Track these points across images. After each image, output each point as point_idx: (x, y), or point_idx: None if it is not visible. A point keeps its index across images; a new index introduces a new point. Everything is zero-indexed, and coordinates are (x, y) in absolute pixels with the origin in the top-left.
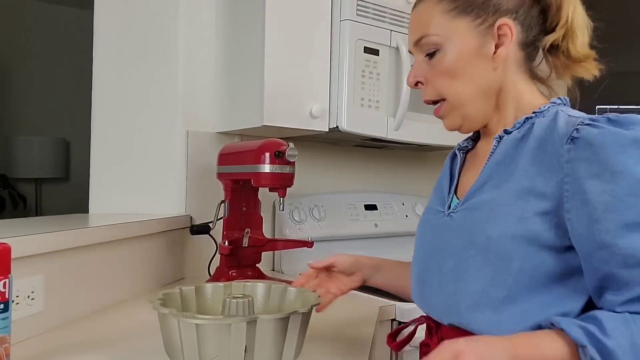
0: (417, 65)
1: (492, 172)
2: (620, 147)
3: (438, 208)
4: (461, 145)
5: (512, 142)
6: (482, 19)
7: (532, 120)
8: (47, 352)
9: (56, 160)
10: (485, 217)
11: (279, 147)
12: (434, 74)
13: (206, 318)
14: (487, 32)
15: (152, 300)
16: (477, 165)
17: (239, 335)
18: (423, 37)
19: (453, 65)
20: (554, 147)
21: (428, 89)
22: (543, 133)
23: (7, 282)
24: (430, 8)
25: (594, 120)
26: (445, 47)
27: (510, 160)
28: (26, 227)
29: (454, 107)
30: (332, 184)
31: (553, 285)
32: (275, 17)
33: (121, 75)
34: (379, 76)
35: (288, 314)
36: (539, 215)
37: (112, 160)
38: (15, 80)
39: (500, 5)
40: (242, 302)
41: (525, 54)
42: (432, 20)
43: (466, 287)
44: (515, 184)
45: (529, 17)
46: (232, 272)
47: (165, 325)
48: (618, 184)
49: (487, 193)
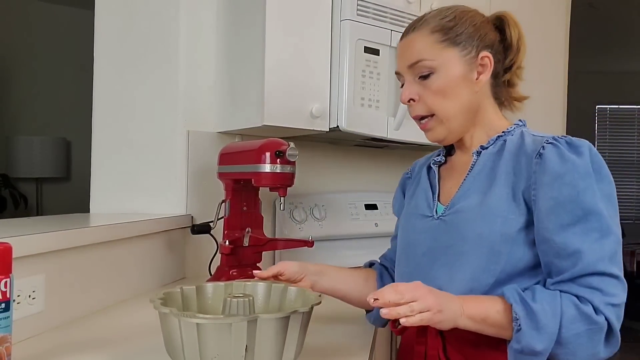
0: (409, 85)
1: (475, 181)
2: (569, 164)
3: (425, 214)
4: (436, 160)
5: (490, 156)
6: (468, 50)
7: (503, 137)
8: (48, 351)
9: (57, 160)
10: (474, 217)
11: (279, 146)
12: (427, 93)
13: (207, 317)
14: (472, 61)
15: (153, 300)
16: (456, 176)
17: (240, 335)
18: (419, 61)
19: (445, 86)
20: (527, 160)
21: (419, 105)
22: (515, 149)
23: (8, 282)
24: (425, 37)
25: (556, 140)
26: (439, 71)
27: (490, 171)
28: (27, 227)
29: (442, 121)
30: (332, 184)
31: (528, 273)
32: (275, 16)
33: (122, 75)
34: (379, 76)
35: (289, 313)
36: (518, 217)
37: (113, 159)
38: (16, 79)
39: (482, 40)
40: (242, 302)
41: (494, 82)
42: (427, 48)
43: (462, 275)
44: (499, 189)
45: (499, 52)
46: (232, 271)
47: (166, 324)
48: (562, 192)
49: (473, 198)
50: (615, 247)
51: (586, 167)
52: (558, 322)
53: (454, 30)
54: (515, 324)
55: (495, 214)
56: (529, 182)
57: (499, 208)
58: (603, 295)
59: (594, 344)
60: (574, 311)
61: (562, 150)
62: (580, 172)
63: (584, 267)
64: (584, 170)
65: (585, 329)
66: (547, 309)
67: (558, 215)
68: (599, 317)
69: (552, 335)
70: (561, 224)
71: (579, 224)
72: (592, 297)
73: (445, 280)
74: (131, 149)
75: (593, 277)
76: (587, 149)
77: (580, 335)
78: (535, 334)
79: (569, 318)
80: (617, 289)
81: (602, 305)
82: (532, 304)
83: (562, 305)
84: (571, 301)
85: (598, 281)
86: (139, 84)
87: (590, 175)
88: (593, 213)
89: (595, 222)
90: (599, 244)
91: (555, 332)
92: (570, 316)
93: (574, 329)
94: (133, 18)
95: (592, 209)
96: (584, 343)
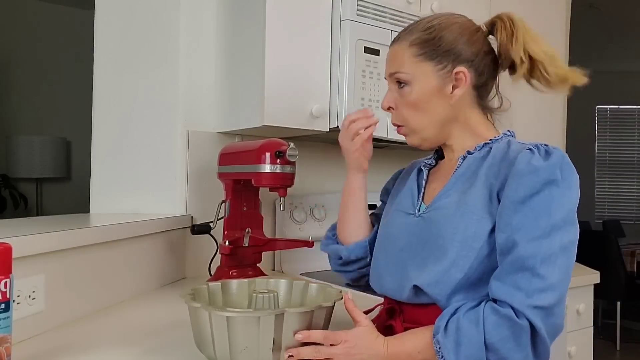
0: (389, 94)
1: (457, 181)
2: (532, 167)
3: (407, 211)
4: (426, 163)
5: (474, 160)
6: (443, 65)
7: (490, 145)
8: (48, 351)
9: (57, 160)
10: (452, 213)
11: (279, 147)
12: (401, 103)
13: (237, 311)
14: (446, 75)
15: (183, 295)
16: (441, 178)
17: (268, 328)
18: (396, 73)
19: (417, 100)
20: (508, 165)
21: (396, 114)
22: (500, 155)
23: (8, 282)
24: (403, 50)
25: (536, 147)
26: (412, 84)
27: (471, 174)
28: (27, 227)
29: (414, 131)
30: (332, 184)
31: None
32: (275, 17)
33: (122, 75)
34: (379, 76)
35: (314, 307)
36: (492, 217)
37: (113, 159)
38: (16, 79)
39: (458, 55)
40: (268, 297)
41: (477, 93)
42: (404, 61)
43: (432, 267)
44: (477, 190)
45: (482, 65)
46: (232, 271)
47: (197, 318)
48: (518, 193)
49: (452, 197)
50: (555, 250)
51: (549, 172)
52: (481, 330)
53: (431, 44)
54: (439, 356)
55: (472, 211)
56: (503, 184)
57: (475, 207)
58: (526, 297)
59: (522, 347)
60: (494, 316)
61: (534, 155)
62: (540, 177)
63: (514, 259)
64: (545, 174)
65: (510, 332)
66: (467, 324)
67: (509, 214)
68: (520, 319)
69: (479, 344)
70: (509, 223)
71: (526, 224)
72: (512, 300)
73: (416, 273)
74: (131, 149)
75: (521, 275)
76: (558, 157)
77: (507, 340)
78: (462, 350)
79: (491, 323)
80: (545, 292)
81: (523, 307)
82: (452, 324)
83: (484, 312)
84: (491, 307)
85: (525, 281)
86: (139, 84)
87: (551, 182)
88: (542, 215)
89: (543, 222)
90: (536, 243)
91: (480, 340)
92: (492, 322)
93: (498, 334)
94: (133, 18)
95: (542, 211)
96: (512, 347)
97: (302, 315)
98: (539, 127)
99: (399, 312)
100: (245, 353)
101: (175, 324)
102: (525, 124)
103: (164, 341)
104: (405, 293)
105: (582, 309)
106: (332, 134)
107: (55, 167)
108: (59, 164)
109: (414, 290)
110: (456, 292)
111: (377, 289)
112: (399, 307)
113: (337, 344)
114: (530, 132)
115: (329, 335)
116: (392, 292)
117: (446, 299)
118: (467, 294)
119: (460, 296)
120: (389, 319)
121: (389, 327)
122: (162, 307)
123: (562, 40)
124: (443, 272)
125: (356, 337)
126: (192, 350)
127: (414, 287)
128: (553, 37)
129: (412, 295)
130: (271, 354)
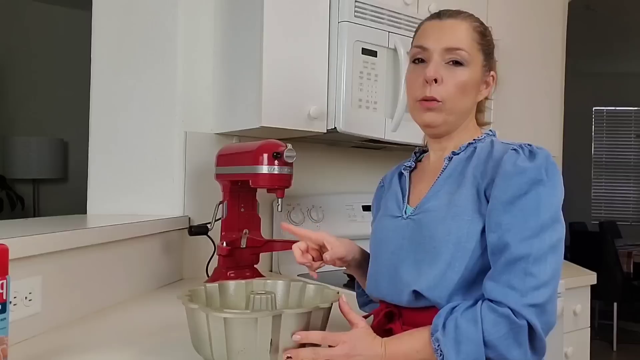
0: (437, 65)
1: (445, 183)
2: (519, 168)
3: (395, 214)
4: (406, 166)
5: (460, 161)
6: (487, 62)
7: (474, 145)
8: (45, 353)
9: (54, 161)
10: (443, 216)
11: (277, 148)
12: (450, 81)
13: (234, 312)
14: (486, 74)
15: (180, 297)
16: (426, 179)
17: (265, 329)
18: (460, 49)
19: (467, 83)
20: (494, 165)
21: (439, 88)
22: (484, 155)
23: (5, 283)
24: (469, 30)
25: (521, 147)
26: (469, 67)
27: (458, 174)
28: (24, 228)
29: (447, 110)
30: (330, 185)
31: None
32: (273, 18)
33: (119, 76)
34: (377, 77)
35: (311, 308)
36: (482, 216)
37: (111, 161)
38: (13, 80)
39: (492, 61)
40: (265, 298)
41: (484, 100)
42: (469, 41)
43: (429, 271)
44: (465, 190)
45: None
46: (230, 272)
47: (194, 320)
48: (506, 193)
49: (441, 199)
50: (545, 249)
51: (535, 173)
52: (480, 328)
53: (486, 40)
54: (438, 354)
55: (462, 212)
56: (490, 184)
57: (465, 207)
58: (521, 296)
59: (520, 344)
60: (492, 315)
61: (520, 156)
62: (527, 177)
63: (507, 260)
64: (532, 175)
65: (508, 330)
66: (466, 323)
67: (498, 215)
68: (518, 318)
69: (478, 342)
70: (499, 223)
71: (515, 224)
72: (508, 300)
73: (414, 276)
74: (128, 150)
75: (514, 275)
76: (542, 157)
77: (505, 337)
78: (462, 347)
79: (489, 322)
80: (539, 290)
81: (519, 306)
82: (451, 323)
83: (481, 311)
84: (488, 306)
85: (518, 280)
86: (137, 85)
87: (537, 182)
88: (531, 215)
89: (533, 222)
90: (527, 243)
91: (479, 338)
92: (490, 320)
93: (496, 331)
94: (131, 19)
95: (531, 211)
96: (511, 344)
97: (300, 316)
98: (536, 129)
99: (398, 316)
100: (242, 354)
101: (172, 325)
102: (522, 126)
103: (161, 343)
104: (405, 298)
105: (579, 309)
106: (330, 135)
107: (52, 168)
108: (56, 165)
109: (414, 295)
110: (455, 294)
111: (374, 294)
112: (398, 310)
113: (336, 345)
114: (528, 134)
115: (327, 336)
116: (389, 296)
117: (446, 301)
118: (465, 294)
119: (459, 297)
120: (388, 323)
121: (389, 330)
122: (159, 309)
123: (558, 43)
124: (440, 275)
125: (354, 338)
126: (189, 352)
127: (414, 292)
128: (550, 39)
129: (412, 300)
130: (269, 356)
